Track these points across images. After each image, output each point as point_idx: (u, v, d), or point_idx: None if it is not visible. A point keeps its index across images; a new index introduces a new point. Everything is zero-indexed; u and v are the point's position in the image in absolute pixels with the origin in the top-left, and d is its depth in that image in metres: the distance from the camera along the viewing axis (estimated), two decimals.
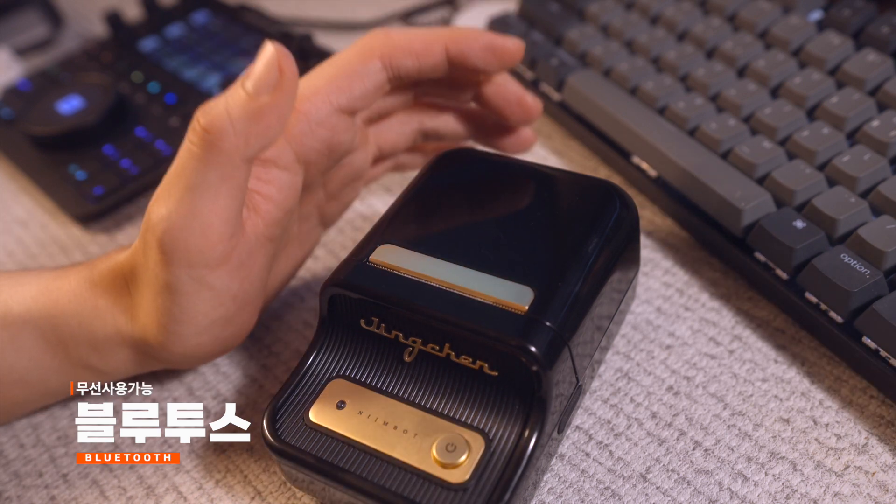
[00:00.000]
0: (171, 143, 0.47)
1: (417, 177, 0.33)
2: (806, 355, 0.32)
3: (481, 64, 0.31)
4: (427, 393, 0.28)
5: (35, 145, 0.48)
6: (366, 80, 0.30)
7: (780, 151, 0.35)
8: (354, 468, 0.26)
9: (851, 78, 0.37)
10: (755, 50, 0.40)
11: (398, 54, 0.30)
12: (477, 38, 0.31)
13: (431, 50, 0.31)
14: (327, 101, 0.29)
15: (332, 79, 0.30)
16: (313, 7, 0.61)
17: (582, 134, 0.43)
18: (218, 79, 0.51)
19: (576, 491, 0.29)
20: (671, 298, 0.35)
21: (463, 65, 0.31)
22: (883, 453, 0.29)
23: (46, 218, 0.46)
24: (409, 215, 0.31)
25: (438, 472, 0.26)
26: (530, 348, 0.25)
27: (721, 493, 0.28)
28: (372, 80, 0.30)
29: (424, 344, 0.28)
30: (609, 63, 0.43)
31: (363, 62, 0.30)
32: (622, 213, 0.30)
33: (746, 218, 0.34)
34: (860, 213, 0.32)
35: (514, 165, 0.33)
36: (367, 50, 0.30)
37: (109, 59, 0.55)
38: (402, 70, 0.31)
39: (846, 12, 0.39)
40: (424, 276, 0.28)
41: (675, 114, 0.39)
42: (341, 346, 0.29)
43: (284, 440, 0.27)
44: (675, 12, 0.44)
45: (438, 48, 0.31)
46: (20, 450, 0.33)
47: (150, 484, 0.31)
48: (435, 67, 0.31)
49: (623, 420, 0.31)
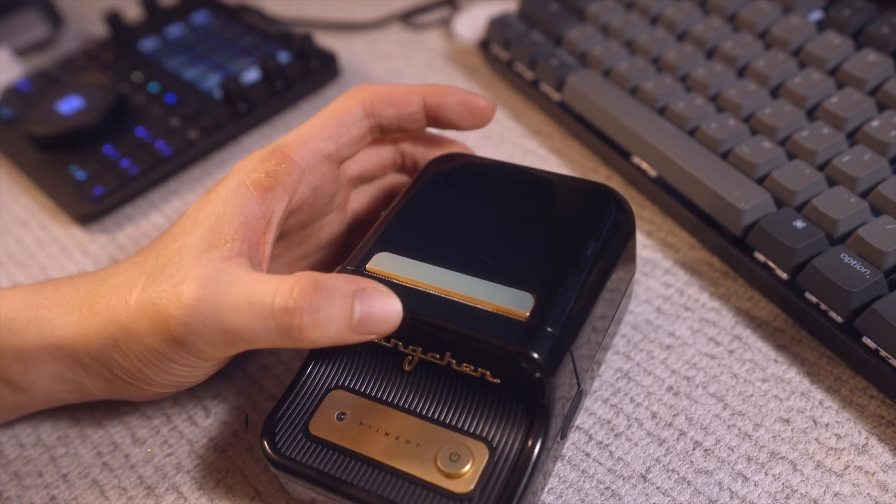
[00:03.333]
0: (171, 143, 0.47)
1: (412, 183, 0.33)
2: (806, 355, 0.32)
3: (456, 118, 0.33)
4: (428, 402, 0.27)
5: (35, 145, 0.48)
6: (351, 127, 0.32)
7: (780, 151, 0.35)
8: (358, 481, 0.26)
9: (851, 78, 0.37)
10: (755, 50, 0.40)
11: (378, 103, 0.32)
12: (453, 93, 0.33)
13: (410, 100, 0.32)
14: (316, 149, 0.31)
15: (320, 128, 0.31)
16: (313, 7, 0.61)
17: (582, 134, 0.43)
18: (218, 79, 0.51)
19: (576, 491, 0.29)
20: (671, 298, 0.35)
21: (438, 117, 0.33)
22: (883, 453, 0.29)
23: (46, 218, 0.46)
24: (404, 222, 0.31)
25: (443, 482, 0.25)
26: (533, 355, 0.25)
27: (721, 493, 0.28)
28: (356, 127, 0.32)
29: (424, 352, 0.27)
30: (609, 63, 0.43)
31: (347, 111, 0.32)
32: (619, 216, 0.30)
33: (746, 218, 0.34)
34: (860, 213, 0.32)
35: (510, 170, 0.33)
36: (350, 100, 0.32)
37: (109, 59, 0.55)
38: (384, 118, 0.32)
39: (846, 12, 0.39)
40: (423, 284, 0.27)
41: (675, 114, 0.39)
42: (339, 357, 0.29)
43: (285, 454, 0.27)
44: (675, 12, 0.44)
45: (416, 98, 0.33)
46: (20, 450, 0.33)
47: (150, 484, 0.31)
48: (413, 117, 0.33)
49: (623, 420, 0.31)
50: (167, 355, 0.27)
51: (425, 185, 0.32)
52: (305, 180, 0.31)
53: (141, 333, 0.27)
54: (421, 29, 0.57)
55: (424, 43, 0.55)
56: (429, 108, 0.33)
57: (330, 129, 0.31)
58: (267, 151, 0.30)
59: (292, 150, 0.30)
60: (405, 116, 0.33)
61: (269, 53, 0.52)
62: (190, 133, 0.47)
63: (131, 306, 0.27)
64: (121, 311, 0.28)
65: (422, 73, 0.52)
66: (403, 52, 0.54)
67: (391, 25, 0.57)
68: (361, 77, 0.53)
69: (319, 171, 0.31)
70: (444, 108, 0.33)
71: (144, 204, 0.46)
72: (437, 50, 0.54)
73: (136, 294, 0.28)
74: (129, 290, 0.28)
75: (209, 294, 0.26)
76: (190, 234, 0.28)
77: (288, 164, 0.30)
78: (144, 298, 0.27)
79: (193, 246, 0.28)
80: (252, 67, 0.52)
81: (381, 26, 0.57)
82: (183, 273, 0.27)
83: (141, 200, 0.46)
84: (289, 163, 0.30)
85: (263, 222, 0.29)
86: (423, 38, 0.56)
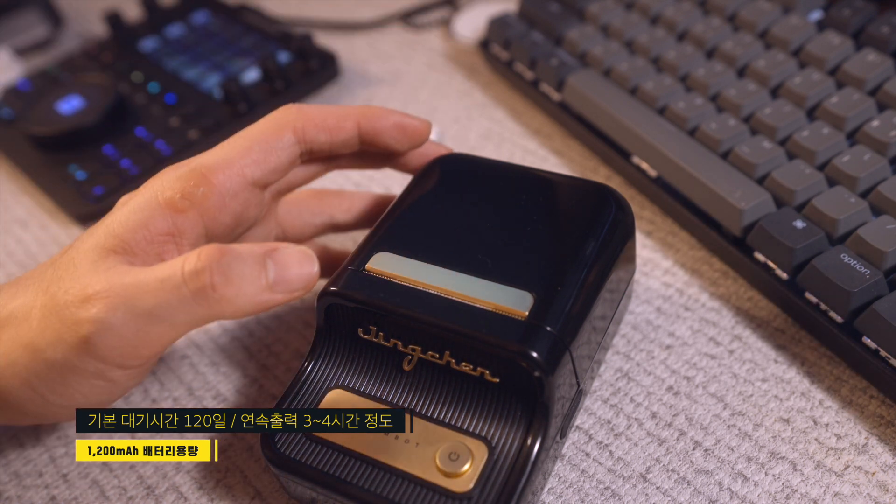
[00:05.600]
0: (171, 143, 0.47)
1: (412, 183, 0.33)
2: (806, 355, 0.32)
3: (391, 142, 0.32)
4: (427, 401, 0.27)
5: (35, 145, 0.48)
6: (280, 153, 0.30)
7: (780, 151, 0.35)
8: (357, 480, 0.26)
9: (851, 78, 0.37)
10: (755, 50, 0.40)
11: (311, 129, 0.30)
12: (387, 117, 0.31)
13: (343, 126, 0.31)
14: (240, 174, 0.29)
15: (246, 152, 0.29)
16: (313, 7, 0.61)
17: (582, 134, 0.43)
18: (218, 79, 0.51)
19: (576, 491, 0.29)
20: (671, 298, 0.35)
21: (373, 141, 0.32)
22: (883, 453, 0.29)
23: (46, 218, 0.46)
24: (404, 222, 0.30)
25: (442, 481, 0.25)
26: (532, 354, 0.25)
27: (721, 493, 0.28)
28: (285, 153, 0.30)
29: (424, 352, 0.27)
30: (609, 63, 0.43)
31: (277, 135, 0.30)
32: (618, 215, 0.30)
33: (746, 218, 0.34)
34: (860, 213, 0.32)
35: (509, 169, 0.33)
36: (280, 123, 0.30)
37: (109, 59, 0.55)
38: (315, 144, 0.31)
39: (846, 12, 0.39)
40: (422, 284, 0.27)
41: (675, 114, 0.39)
42: (339, 356, 0.29)
43: (284, 453, 0.27)
44: (675, 12, 0.44)
45: (350, 124, 0.31)
46: (20, 450, 0.33)
47: (150, 484, 0.31)
48: (346, 143, 0.31)
49: (623, 420, 0.31)
50: (73, 367, 0.25)
51: (425, 185, 0.32)
52: (226, 207, 0.28)
53: (43, 348, 0.25)
54: (421, 29, 0.57)
55: (424, 43, 0.55)
56: (363, 132, 0.31)
57: (256, 154, 0.29)
58: (186, 170, 0.28)
59: (213, 174, 0.28)
60: (338, 143, 0.31)
61: (269, 53, 0.52)
62: (190, 133, 0.47)
63: (33, 324, 0.26)
64: (23, 333, 0.26)
65: (422, 73, 0.52)
66: (403, 52, 0.54)
67: (391, 25, 0.57)
68: (361, 77, 0.53)
69: (242, 196, 0.29)
70: (379, 133, 0.31)
71: None
72: (437, 50, 0.54)
73: (37, 310, 0.26)
74: (28, 308, 0.26)
75: (115, 286, 0.24)
76: (85, 240, 0.27)
77: (207, 187, 0.28)
78: (47, 311, 0.26)
79: (88, 252, 0.26)
80: (252, 67, 0.52)
81: (381, 26, 0.57)
82: (81, 279, 0.25)
83: None
84: (208, 186, 0.28)
85: (172, 244, 0.27)
86: (423, 38, 0.56)
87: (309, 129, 0.30)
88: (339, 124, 0.31)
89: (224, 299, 0.24)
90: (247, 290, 0.24)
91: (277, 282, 0.25)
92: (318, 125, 0.30)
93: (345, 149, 0.32)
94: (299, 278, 0.25)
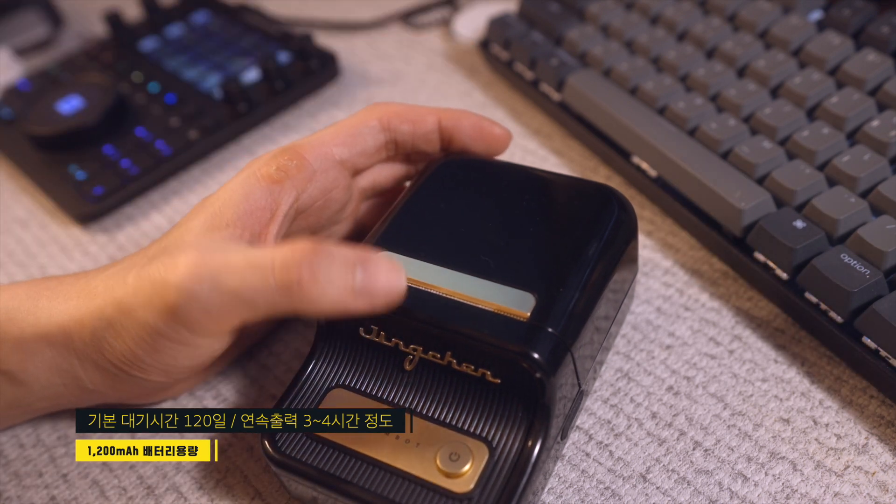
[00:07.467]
0: (171, 143, 0.47)
1: (414, 182, 0.33)
2: (806, 355, 0.32)
3: (469, 142, 0.33)
4: (428, 402, 0.27)
5: (35, 145, 0.48)
6: (367, 137, 0.33)
7: (780, 151, 0.35)
8: (358, 480, 0.26)
9: (851, 78, 0.37)
10: (755, 50, 0.40)
11: (395, 119, 0.33)
12: (468, 118, 0.33)
13: (426, 119, 0.33)
14: (330, 153, 0.32)
15: (335, 135, 0.32)
16: (313, 7, 0.61)
17: (582, 134, 0.43)
18: (218, 79, 0.51)
19: (576, 491, 0.29)
20: (671, 298, 0.35)
21: (452, 140, 0.33)
22: (883, 453, 0.29)
23: (46, 218, 0.46)
24: (406, 222, 0.31)
25: (443, 481, 0.25)
26: (533, 355, 0.25)
27: (721, 493, 0.28)
28: (371, 138, 0.33)
29: (425, 352, 0.27)
30: (609, 63, 0.43)
31: (363, 122, 0.32)
32: (620, 217, 0.30)
33: (746, 218, 0.34)
34: (860, 213, 0.32)
35: (512, 170, 0.33)
36: (366, 113, 0.33)
37: (109, 59, 0.55)
38: (399, 134, 0.33)
39: (846, 12, 0.39)
40: (424, 284, 0.27)
41: (675, 114, 0.39)
42: (340, 356, 0.29)
43: (285, 452, 0.27)
44: (675, 12, 0.44)
45: (432, 119, 0.33)
46: (20, 450, 0.33)
47: (150, 484, 0.31)
48: (427, 136, 0.33)
49: (623, 420, 0.31)
50: (161, 331, 0.27)
51: (427, 185, 0.32)
52: (316, 181, 0.31)
53: (135, 308, 0.27)
54: (421, 29, 0.57)
55: (424, 43, 0.55)
56: (444, 129, 0.33)
57: (344, 137, 0.32)
58: (280, 149, 0.31)
59: (305, 150, 0.31)
60: (420, 135, 0.33)
61: (269, 53, 0.52)
62: (190, 133, 0.47)
63: (128, 283, 0.28)
64: (117, 290, 0.28)
65: (422, 73, 0.52)
66: (403, 52, 0.54)
67: (391, 25, 0.57)
68: (361, 77, 0.53)
69: (331, 174, 0.32)
70: (458, 132, 0.33)
71: (144, 204, 0.46)
72: (437, 50, 0.54)
73: (134, 272, 0.28)
74: (128, 270, 0.28)
75: (207, 260, 0.26)
76: (193, 219, 0.29)
77: (300, 160, 0.30)
78: (142, 275, 0.27)
79: (194, 229, 0.28)
80: (252, 67, 0.52)
81: (381, 26, 0.57)
82: (181, 252, 0.27)
83: (141, 200, 0.46)
84: (300, 160, 0.30)
85: (268, 213, 0.29)
86: (423, 38, 0.56)
87: (393, 118, 0.33)
88: (422, 118, 0.33)
89: (307, 297, 0.25)
90: (331, 292, 0.25)
91: (362, 290, 0.25)
92: (401, 116, 0.33)
93: (426, 144, 0.34)
94: (385, 290, 0.26)
